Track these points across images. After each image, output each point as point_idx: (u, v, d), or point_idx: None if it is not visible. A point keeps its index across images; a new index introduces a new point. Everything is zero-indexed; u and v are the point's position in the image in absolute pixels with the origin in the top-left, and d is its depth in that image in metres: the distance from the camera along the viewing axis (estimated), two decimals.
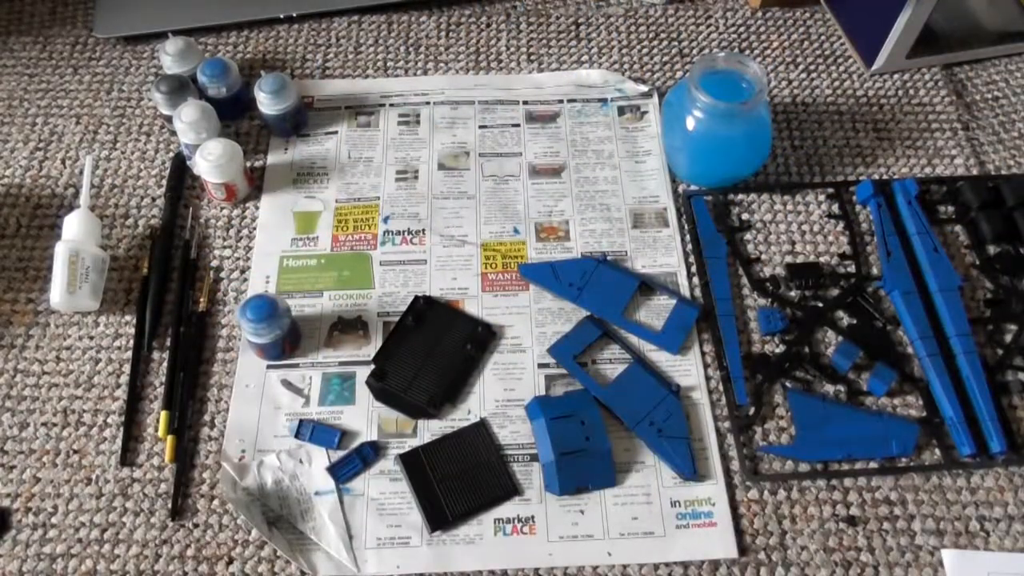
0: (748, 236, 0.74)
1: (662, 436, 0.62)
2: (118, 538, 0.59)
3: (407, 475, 0.61)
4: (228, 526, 0.60)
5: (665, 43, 0.87)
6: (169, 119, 0.77)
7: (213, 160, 0.70)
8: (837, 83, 0.84)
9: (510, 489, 0.61)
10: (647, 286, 0.70)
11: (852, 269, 0.71)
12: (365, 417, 0.64)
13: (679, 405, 0.63)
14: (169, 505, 0.60)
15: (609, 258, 0.72)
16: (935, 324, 0.67)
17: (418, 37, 0.88)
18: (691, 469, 0.61)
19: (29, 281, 0.71)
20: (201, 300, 0.69)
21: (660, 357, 0.67)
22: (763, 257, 0.72)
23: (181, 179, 0.76)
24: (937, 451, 0.63)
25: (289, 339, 0.65)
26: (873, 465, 0.62)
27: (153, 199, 0.76)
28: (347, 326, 0.69)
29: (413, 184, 0.77)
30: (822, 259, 0.72)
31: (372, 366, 0.66)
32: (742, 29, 0.88)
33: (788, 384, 0.65)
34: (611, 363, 0.66)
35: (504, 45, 0.87)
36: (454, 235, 0.74)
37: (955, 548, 0.59)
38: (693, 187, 0.76)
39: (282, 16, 0.88)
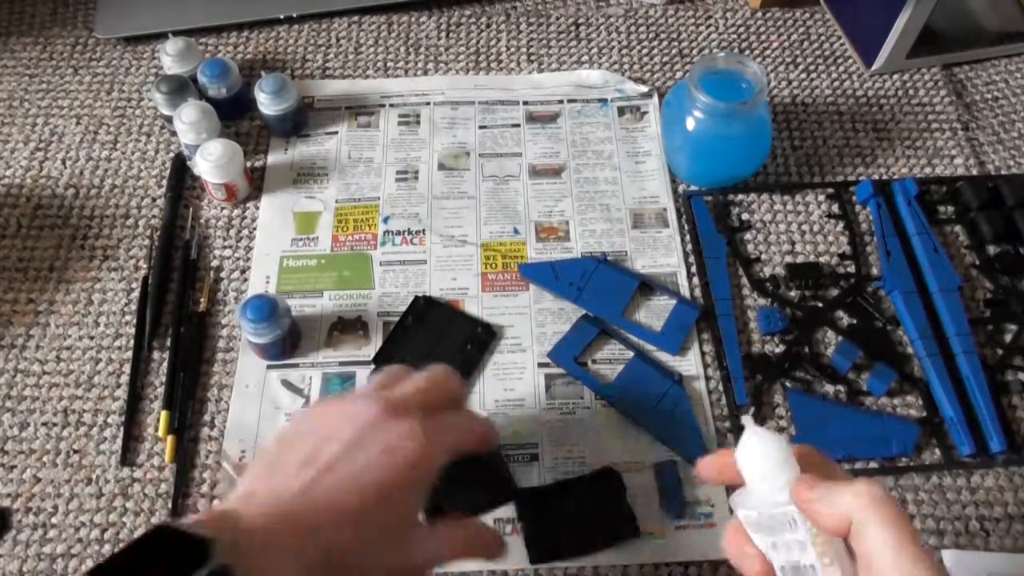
0: (748, 236, 0.74)
1: (671, 425, 0.62)
2: (118, 538, 0.59)
3: None
4: None
5: (665, 43, 0.87)
6: (169, 119, 0.77)
7: (213, 160, 0.70)
8: (837, 83, 0.84)
9: (510, 490, 0.61)
10: (647, 286, 0.70)
11: (852, 269, 0.71)
12: None
13: (684, 394, 0.64)
14: (169, 505, 0.60)
15: (609, 258, 0.72)
16: (935, 324, 0.67)
17: (418, 37, 0.88)
18: (703, 454, 0.60)
19: (29, 281, 0.71)
20: (201, 300, 0.69)
21: (660, 357, 0.67)
22: (763, 257, 0.72)
23: (181, 179, 0.76)
24: (937, 451, 0.63)
25: (289, 339, 0.65)
26: (873, 465, 0.62)
27: (153, 199, 0.76)
28: (347, 326, 0.69)
29: (413, 184, 0.77)
30: (822, 259, 0.72)
31: (372, 366, 0.66)
32: (742, 29, 0.88)
33: (788, 384, 0.65)
34: (610, 362, 0.66)
35: (504, 45, 0.87)
36: (454, 235, 0.74)
37: (955, 548, 0.59)
38: (693, 187, 0.76)
39: (282, 16, 0.88)
